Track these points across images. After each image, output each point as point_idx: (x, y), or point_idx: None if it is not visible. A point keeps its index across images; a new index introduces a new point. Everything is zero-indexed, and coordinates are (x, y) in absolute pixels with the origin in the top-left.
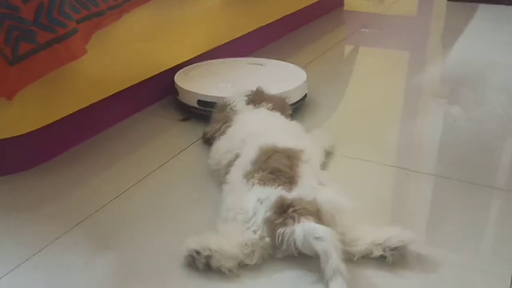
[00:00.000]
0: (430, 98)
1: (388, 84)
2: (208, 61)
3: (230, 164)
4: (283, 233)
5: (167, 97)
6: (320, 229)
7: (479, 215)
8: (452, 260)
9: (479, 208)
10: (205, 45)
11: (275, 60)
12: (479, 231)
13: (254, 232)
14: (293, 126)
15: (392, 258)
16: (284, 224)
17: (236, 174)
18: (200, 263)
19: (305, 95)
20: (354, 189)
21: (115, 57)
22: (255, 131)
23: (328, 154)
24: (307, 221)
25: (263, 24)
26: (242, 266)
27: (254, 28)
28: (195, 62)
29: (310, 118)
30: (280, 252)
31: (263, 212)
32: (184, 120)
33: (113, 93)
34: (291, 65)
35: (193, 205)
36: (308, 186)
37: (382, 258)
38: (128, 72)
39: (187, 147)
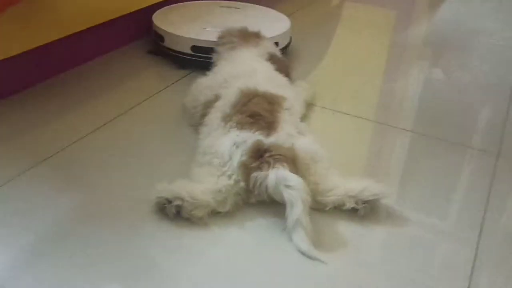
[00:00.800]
0: (413, 58)
1: (373, 41)
2: (182, 3)
3: (208, 104)
4: (256, 177)
5: (144, 37)
6: (292, 178)
7: (452, 174)
8: (420, 219)
9: (453, 167)
10: None
11: (251, 4)
12: (450, 191)
13: (229, 176)
14: (278, 75)
15: (364, 211)
16: (259, 168)
17: (214, 116)
18: (170, 212)
19: (289, 43)
20: (332, 141)
21: None
22: (239, 73)
23: (309, 105)
24: (282, 168)
25: None
26: (215, 214)
27: None
28: (168, 3)
29: (293, 69)
30: (253, 197)
31: (238, 156)
32: (151, 52)
33: (92, 25)
34: (271, 11)
35: (167, 148)
36: (286, 133)
37: (353, 210)
38: (108, 4)
39: (163, 89)
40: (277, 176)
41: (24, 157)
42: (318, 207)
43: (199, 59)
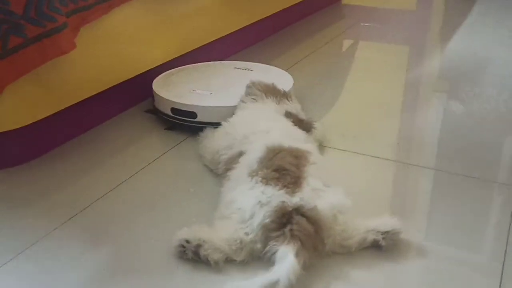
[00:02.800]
0: (429, 92)
1: (387, 78)
2: (192, 64)
3: (231, 160)
4: (271, 246)
5: (149, 98)
6: (289, 269)
7: (475, 208)
8: (445, 252)
9: (475, 201)
10: (193, 43)
11: (264, 65)
12: (473, 224)
13: (247, 234)
14: (297, 131)
15: (385, 242)
16: (277, 238)
17: (240, 172)
18: (190, 251)
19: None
20: (353, 184)
21: (103, 53)
22: (260, 129)
23: (322, 147)
24: (293, 247)
25: (255, 20)
26: (230, 261)
27: (247, 24)
28: (181, 62)
29: (306, 113)
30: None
31: (261, 216)
32: (148, 112)
33: (100, 91)
34: (276, 70)
35: (186, 199)
36: (312, 189)
37: (377, 247)
38: (116, 69)
39: (176, 145)
40: (281, 255)
41: (45, 219)
42: (344, 251)
43: (178, 122)
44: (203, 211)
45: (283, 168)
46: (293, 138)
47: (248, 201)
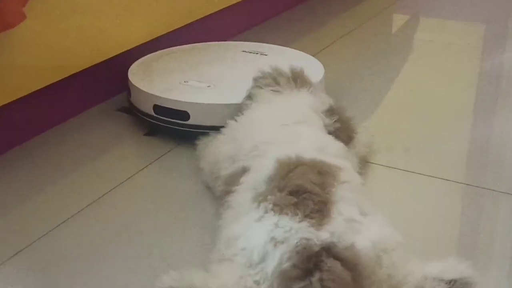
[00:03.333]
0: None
1: (454, 68)
2: (182, 46)
3: (232, 178)
4: None
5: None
6: None
7: None
8: None
9: None
10: (185, 16)
11: (282, 48)
12: None
13: (257, 283)
14: (332, 140)
15: None
16: None
17: (242, 196)
18: None
19: None
20: (403, 212)
21: (62, 29)
22: (279, 136)
23: (364, 161)
24: None
25: None
26: None
27: None
28: (169, 43)
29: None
30: None
31: (276, 260)
32: (120, 110)
33: (56, 80)
34: (302, 55)
35: (172, 230)
36: (345, 219)
37: None
38: (77, 51)
39: (159, 157)
40: None
41: None
42: None
43: (163, 124)
44: (196, 247)
45: (303, 190)
46: (325, 150)
47: (256, 238)
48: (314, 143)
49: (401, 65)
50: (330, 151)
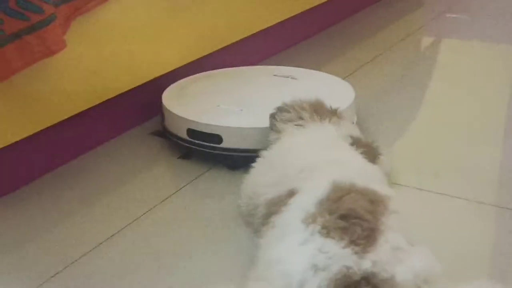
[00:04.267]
0: None
1: (484, 91)
2: (214, 70)
3: (277, 201)
4: None
5: (157, 116)
6: None
7: None
8: None
9: None
10: (216, 42)
11: (314, 72)
12: None
13: None
14: (372, 167)
15: None
16: None
17: (291, 216)
18: None
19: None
20: (433, 234)
21: (97, 56)
22: (324, 160)
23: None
24: None
25: (301, 11)
26: None
27: (291, 16)
28: (201, 68)
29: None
30: None
31: (316, 285)
32: (154, 134)
33: (91, 105)
34: (332, 78)
35: (207, 254)
36: (391, 248)
37: None
38: (112, 76)
39: (193, 180)
40: None
41: (19, 279)
42: None
43: (196, 147)
44: (228, 272)
45: (354, 214)
46: (369, 176)
47: (298, 263)
48: (357, 168)
49: (428, 87)
50: (371, 176)
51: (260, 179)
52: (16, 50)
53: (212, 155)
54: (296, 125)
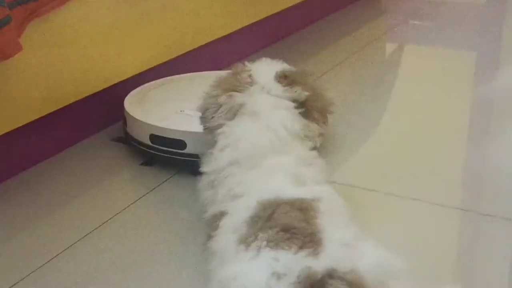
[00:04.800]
0: (505, 116)
1: (447, 97)
2: (178, 75)
3: (212, 221)
4: None
5: (118, 122)
6: None
7: None
8: None
9: None
10: (181, 45)
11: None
12: None
13: None
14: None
15: None
16: None
17: (225, 240)
18: None
19: None
20: (400, 238)
21: (56, 59)
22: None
23: (365, 191)
24: None
25: (270, 13)
26: None
27: (260, 18)
28: (164, 72)
29: (335, 148)
30: None
31: None
32: (115, 140)
33: (50, 111)
34: None
35: (170, 260)
36: (340, 244)
37: None
38: (72, 82)
39: (156, 187)
40: None
41: None
42: None
43: (159, 153)
44: (194, 279)
45: (291, 227)
46: (300, 178)
47: (257, 274)
48: (290, 175)
49: (395, 92)
50: (307, 177)
51: (204, 196)
52: None
53: (176, 161)
54: (224, 116)
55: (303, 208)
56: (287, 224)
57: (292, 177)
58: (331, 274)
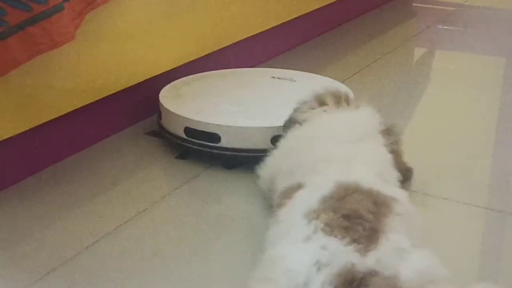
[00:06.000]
0: None
1: (476, 102)
2: (212, 71)
3: (287, 193)
4: None
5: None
6: None
7: None
8: None
9: None
10: (216, 42)
11: (312, 75)
12: None
13: None
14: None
15: None
16: None
17: (294, 210)
18: None
19: None
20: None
21: (93, 52)
22: (338, 155)
23: None
24: None
25: (300, 14)
26: None
27: (289, 19)
28: (199, 68)
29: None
30: None
31: (318, 285)
32: (150, 134)
33: (87, 103)
34: (331, 81)
35: (207, 252)
36: (393, 248)
37: None
38: (109, 74)
39: (191, 179)
40: None
41: (20, 272)
42: None
43: (193, 146)
44: (233, 269)
45: (356, 215)
46: (383, 176)
47: (302, 259)
48: (372, 166)
49: (425, 95)
50: (388, 177)
51: (278, 166)
52: (19, 42)
53: (210, 154)
54: (324, 110)
55: (378, 203)
56: (354, 210)
57: (376, 172)
58: (371, 276)
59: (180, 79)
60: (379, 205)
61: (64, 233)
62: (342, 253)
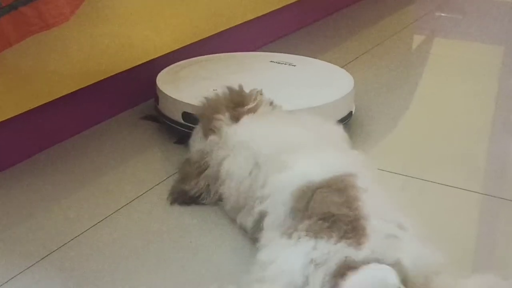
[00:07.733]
0: None
1: (474, 89)
2: (210, 55)
3: (257, 224)
4: None
5: (150, 99)
6: None
7: None
8: None
9: None
10: (214, 26)
11: (311, 59)
12: None
13: None
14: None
15: None
16: None
17: (271, 236)
18: None
19: (350, 113)
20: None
21: (89, 36)
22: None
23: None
24: None
25: (293, 1)
26: None
27: (289, 3)
28: (197, 51)
29: (363, 136)
30: None
31: (320, 280)
32: (146, 118)
33: (83, 86)
34: (331, 66)
35: (205, 245)
36: (384, 235)
37: None
38: (105, 58)
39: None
40: None
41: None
42: None
43: (191, 131)
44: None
45: (331, 214)
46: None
47: (295, 260)
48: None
49: (422, 81)
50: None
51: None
52: (11, 22)
53: None
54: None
55: (341, 188)
56: (325, 212)
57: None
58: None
59: (178, 63)
60: (342, 190)
61: (60, 217)
62: (335, 251)
